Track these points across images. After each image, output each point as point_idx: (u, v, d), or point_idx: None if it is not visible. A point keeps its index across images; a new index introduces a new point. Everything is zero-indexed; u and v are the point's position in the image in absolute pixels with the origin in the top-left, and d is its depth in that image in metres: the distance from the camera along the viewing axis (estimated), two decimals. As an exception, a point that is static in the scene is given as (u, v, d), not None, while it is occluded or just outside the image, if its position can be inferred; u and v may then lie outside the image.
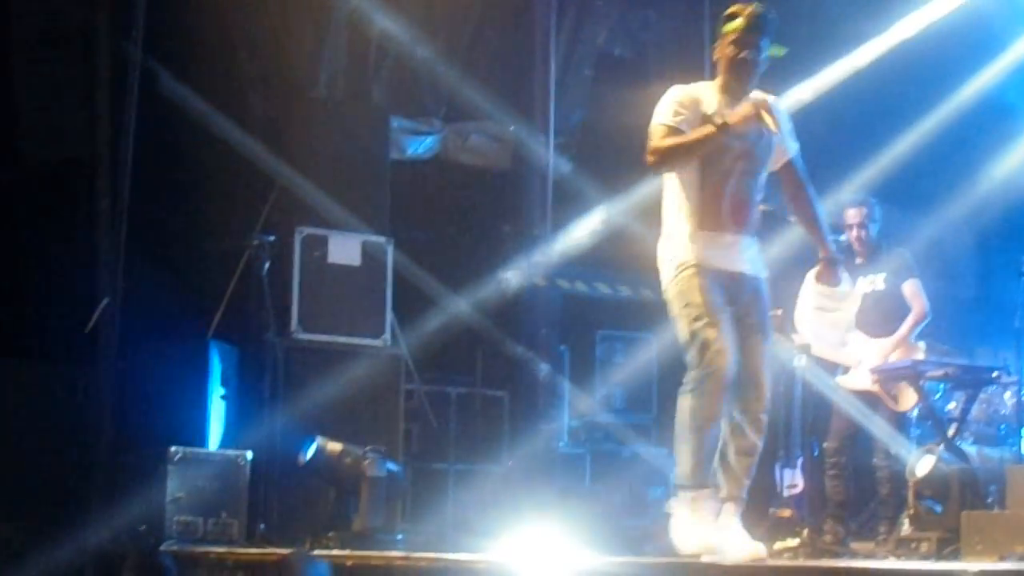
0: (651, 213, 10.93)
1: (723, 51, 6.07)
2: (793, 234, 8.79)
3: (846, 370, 8.16)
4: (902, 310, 8.12)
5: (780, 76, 6.77)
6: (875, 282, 8.17)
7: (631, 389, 11.25)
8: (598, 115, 11.41)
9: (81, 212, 9.16)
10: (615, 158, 11.28)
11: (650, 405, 11.35)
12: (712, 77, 6.18)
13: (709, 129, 5.91)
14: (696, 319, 5.92)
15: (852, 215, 8.25)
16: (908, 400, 7.98)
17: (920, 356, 8.00)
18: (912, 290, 8.14)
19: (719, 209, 6.02)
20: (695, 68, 11.24)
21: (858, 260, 8.22)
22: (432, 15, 10.64)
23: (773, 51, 6.23)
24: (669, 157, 5.97)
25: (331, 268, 9.24)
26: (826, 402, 8.19)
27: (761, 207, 6.17)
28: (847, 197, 8.75)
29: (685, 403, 5.88)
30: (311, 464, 8.22)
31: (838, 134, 10.77)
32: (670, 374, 11.10)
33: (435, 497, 9.74)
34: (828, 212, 8.13)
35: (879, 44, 10.54)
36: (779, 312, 7.95)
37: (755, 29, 6.00)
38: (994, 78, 10.58)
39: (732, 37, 6.01)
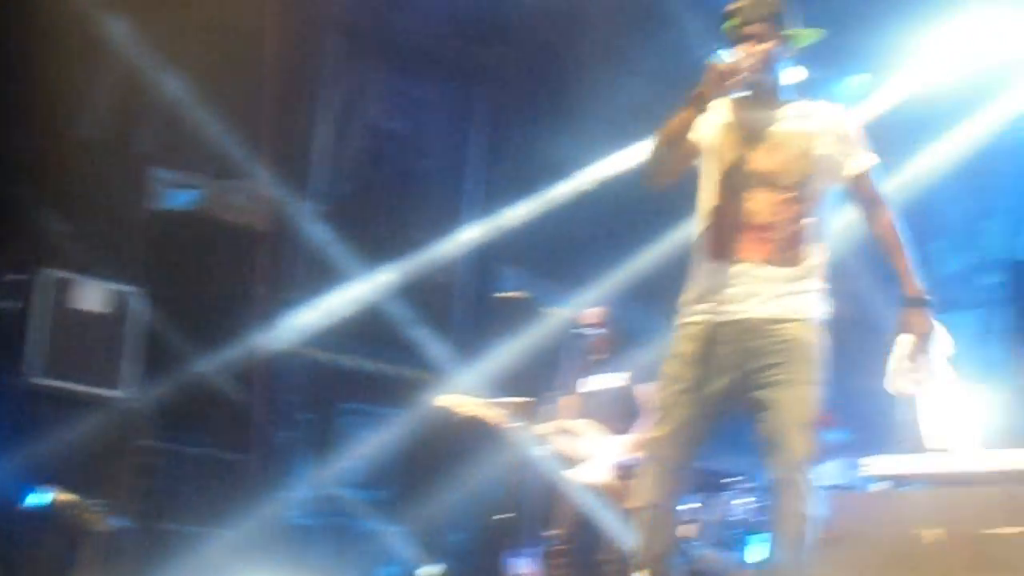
0: (405, 291, 11.12)
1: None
2: (549, 324, 8.98)
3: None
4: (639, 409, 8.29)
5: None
6: (616, 380, 8.29)
7: (371, 464, 11.20)
8: (367, 187, 11.44)
9: None
10: (379, 232, 11.33)
11: (390, 481, 11.32)
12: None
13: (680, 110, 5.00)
14: (660, 390, 5.16)
15: (592, 315, 8.34)
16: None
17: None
18: (645, 395, 8.29)
19: (724, 230, 5.04)
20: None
21: (596, 357, 8.33)
22: (208, 71, 10.53)
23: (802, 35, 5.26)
24: (650, 161, 5.06)
25: (74, 314, 8.98)
26: (556, 492, 8.28)
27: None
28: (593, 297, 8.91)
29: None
30: (34, 513, 7.99)
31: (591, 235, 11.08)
32: (412, 451, 11.23)
33: (162, 558, 9.49)
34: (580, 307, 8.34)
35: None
36: (528, 400, 8.08)
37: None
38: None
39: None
